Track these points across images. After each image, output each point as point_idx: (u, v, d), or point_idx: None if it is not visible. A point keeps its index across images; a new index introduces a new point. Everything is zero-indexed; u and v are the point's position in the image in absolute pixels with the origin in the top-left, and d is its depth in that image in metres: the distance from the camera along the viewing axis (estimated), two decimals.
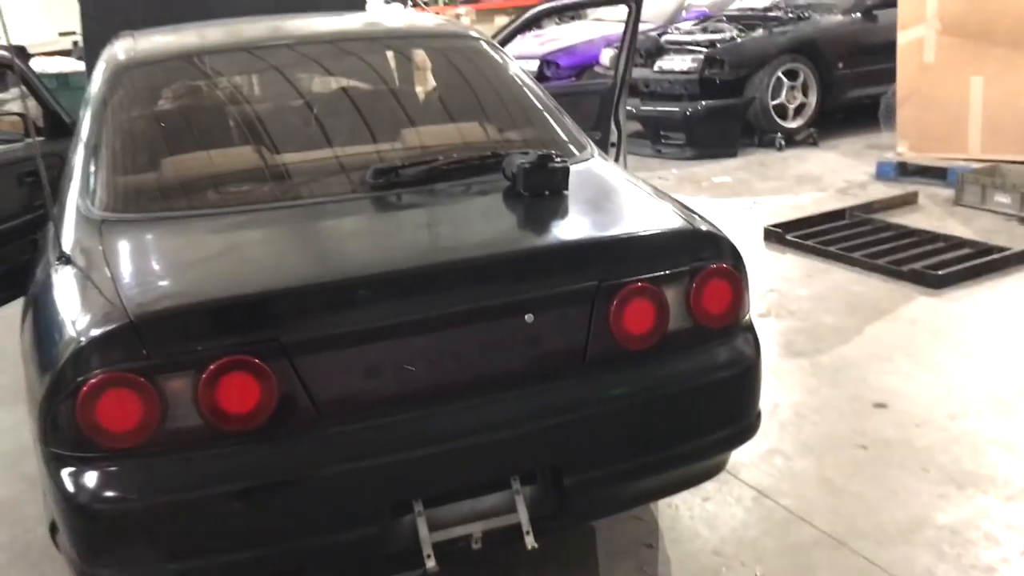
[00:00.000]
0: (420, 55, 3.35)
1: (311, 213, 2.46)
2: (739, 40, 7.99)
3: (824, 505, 2.92)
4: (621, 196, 2.60)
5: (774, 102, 7.94)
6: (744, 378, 2.40)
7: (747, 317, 2.45)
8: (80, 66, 8.24)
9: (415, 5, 16.33)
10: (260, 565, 2.04)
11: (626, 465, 2.27)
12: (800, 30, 8.02)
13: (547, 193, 2.47)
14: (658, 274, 2.24)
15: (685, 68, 7.93)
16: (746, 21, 8.46)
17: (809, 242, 5.33)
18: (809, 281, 4.87)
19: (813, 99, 8.10)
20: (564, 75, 9.90)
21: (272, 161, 2.72)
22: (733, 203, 6.46)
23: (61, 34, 12.17)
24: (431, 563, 2.06)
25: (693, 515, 2.92)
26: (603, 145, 4.80)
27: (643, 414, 2.26)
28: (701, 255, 2.32)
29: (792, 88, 8.02)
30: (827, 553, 2.70)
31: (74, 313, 2.03)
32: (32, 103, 4.30)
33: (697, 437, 2.34)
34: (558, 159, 2.51)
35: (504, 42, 4.64)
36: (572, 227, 2.45)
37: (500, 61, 3.24)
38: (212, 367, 1.91)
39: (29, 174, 3.80)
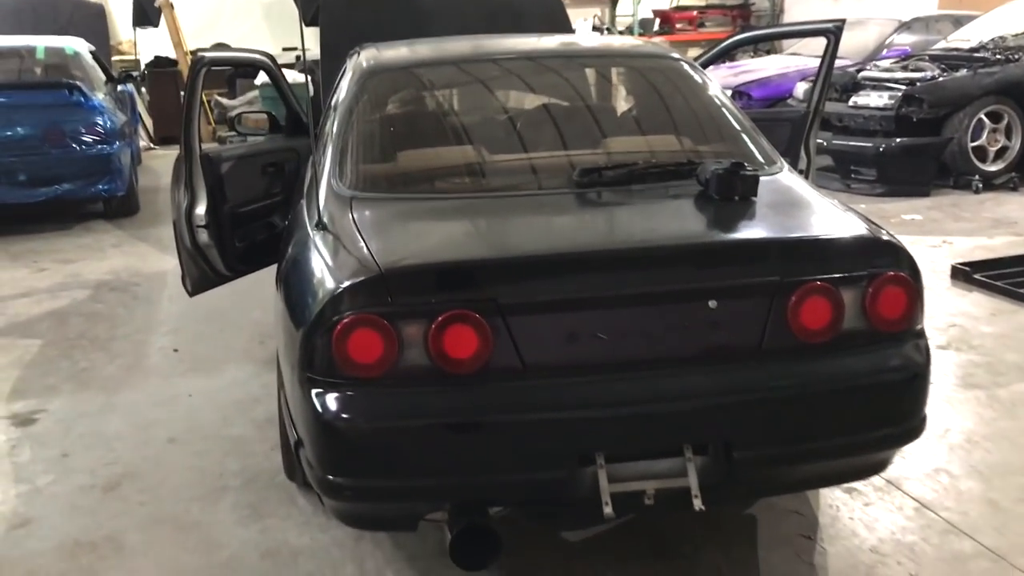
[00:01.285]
0: (624, 73, 3.66)
1: (525, 203, 2.81)
2: (940, 79, 7.89)
3: (987, 523, 2.99)
4: (807, 205, 2.81)
5: (973, 144, 7.78)
6: (911, 381, 2.55)
7: (920, 326, 2.61)
8: (300, 77, 9.09)
9: (610, 34, 16.79)
10: (462, 491, 2.39)
11: (792, 448, 2.47)
12: (1007, 72, 7.83)
13: (737, 198, 2.72)
14: (836, 275, 2.45)
15: (881, 104, 7.89)
16: (950, 61, 8.33)
17: (998, 283, 5.27)
18: (994, 320, 4.84)
19: (1017, 143, 7.88)
20: (756, 107, 10.01)
21: (489, 159, 3.10)
22: (921, 240, 6.42)
23: (284, 49, 13.34)
24: (608, 509, 2.33)
25: (853, 516, 3.06)
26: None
27: (812, 403, 2.46)
28: (879, 262, 2.50)
29: (994, 131, 7.83)
30: (986, 565, 2.79)
31: (333, 266, 2.46)
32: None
33: (862, 431, 2.51)
34: (749, 168, 2.75)
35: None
36: (758, 227, 2.68)
37: (700, 81, 3.51)
38: (441, 317, 2.28)
39: (271, 165, 4.34)
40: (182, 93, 9.36)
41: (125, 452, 3.64)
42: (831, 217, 2.72)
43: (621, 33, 17.16)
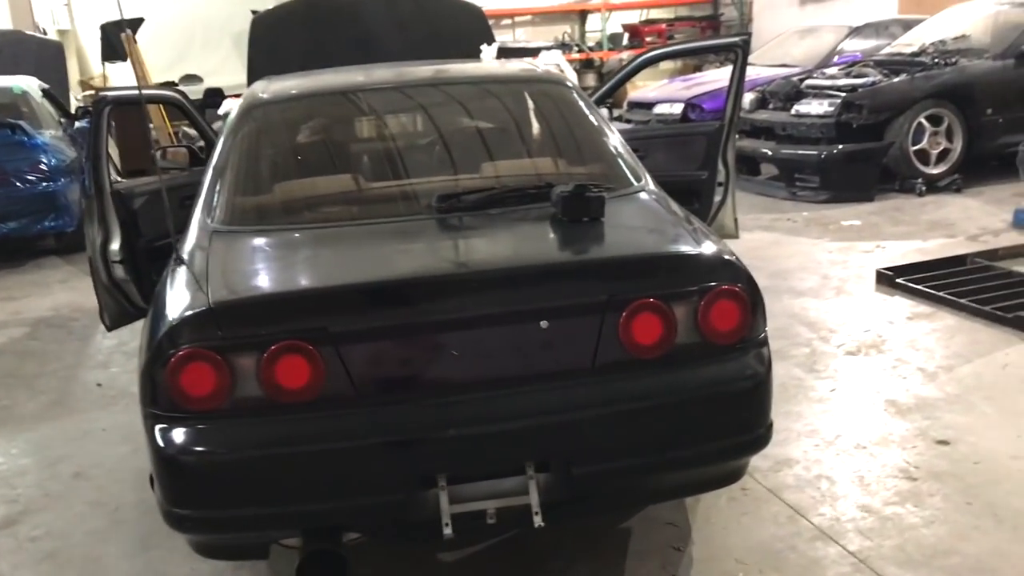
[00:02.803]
0: (509, 97, 3.73)
1: (381, 230, 2.87)
2: (879, 85, 7.97)
3: (856, 528, 3.04)
4: (652, 222, 2.88)
5: (915, 147, 7.85)
6: (751, 391, 2.60)
7: (760, 335, 2.66)
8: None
9: (580, 51, 16.93)
10: (303, 519, 2.44)
11: (632, 462, 2.52)
12: (945, 75, 7.91)
13: (585, 219, 2.79)
14: (666, 292, 2.51)
15: (822, 112, 7.98)
16: (892, 66, 8.41)
17: (919, 286, 5.32)
18: (909, 324, 4.88)
19: (958, 145, 7.95)
20: (708, 118, 10.07)
21: (360, 188, 3.17)
22: (856, 246, 6.48)
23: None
24: (448, 531, 2.39)
25: (727, 526, 3.11)
26: (710, 185, 5.03)
27: (648, 417, 2.51)
28: (710, 277, 2.56)
29: (935, 134, 7.90)
30: (846, 570, 2.83)
31: (171, 301, 2.52)
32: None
33: (703, 443, 2.56)
34: (595, 189, 2.82)
35: (609, 93, 4.98)
36: (593, 247, 2.74)
37: (581, 104, 3.58)
38: (271, 348, 2.33)
39: (188, 198, 4.42)
40: (151, 126, 9.50)
41: (28, 489, 3.70)
42: (671, 235, 2.78)
43: (591, 48, 17.33)
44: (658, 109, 10.28)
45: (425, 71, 3.87)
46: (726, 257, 2.63)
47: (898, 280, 5.43)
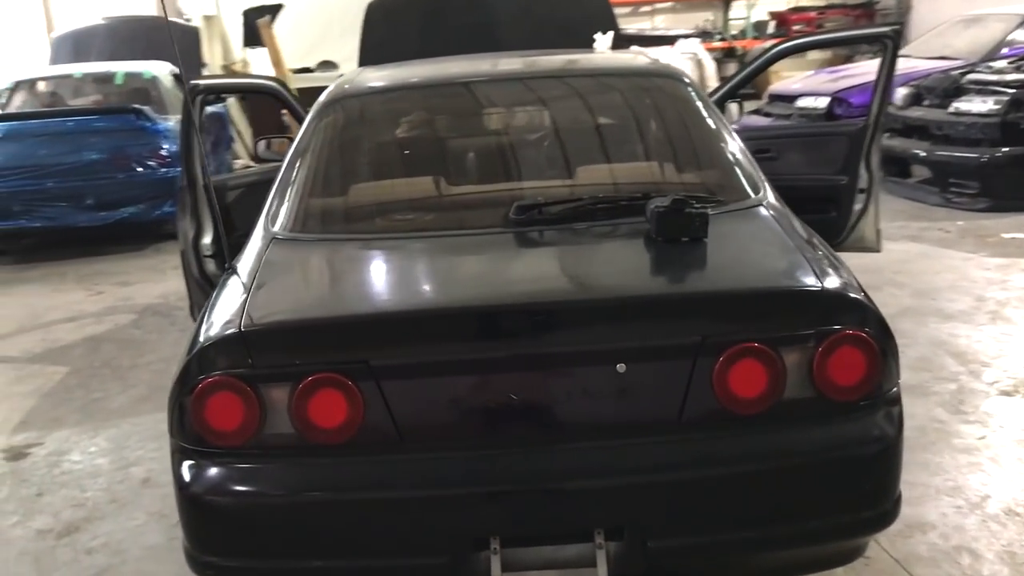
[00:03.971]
0: (614, 93, 3.33)
1: (449, 245, 2.53)
2: None
3: None
4: (765, 246, 2.43)
5: None
6: (876, 459, 2.15)
7: (891, 391, 2.19)
8: None
9: (722, 39, 16.20)
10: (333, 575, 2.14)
11: (721, 537, 2.11)
12: None
13: (684, 239, 2.37)
14: (773, 334, 2.08)
15: (985, 110, 7.16)
16: None
17: None
18: None
19: None
20: (856, 114, 9.29)
21: (439, 193, 2.85)
22: (1018, 264, 5.73)
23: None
24: None
25: None
26: (850, 191, 4.50)
27: (743, 484, 2.09)
28: (831, 319, 2.11)
29: None
30: None
31: (209, 319, 2.26)
32: None
33: (809, 518, 2.12)
34: (698, 204, 2.40)
35: (741, 85, 4.50)
36: (687, 275, 2.32)
37: (696, 101, 3.15)
38: (305, 381, 2.04)
39: None
40: (282, 112, 9.52)
41: (96, 493, 3.56)
42: (785, 263, 2.33)
43: (734, 37, 16.54)
44: (801, 102, 9.57)
45: (522, 63, 3.51)
46: (852, 295, 2.17)
47: None
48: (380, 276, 2.43)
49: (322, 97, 3.27)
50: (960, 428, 3.64)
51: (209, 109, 9.26)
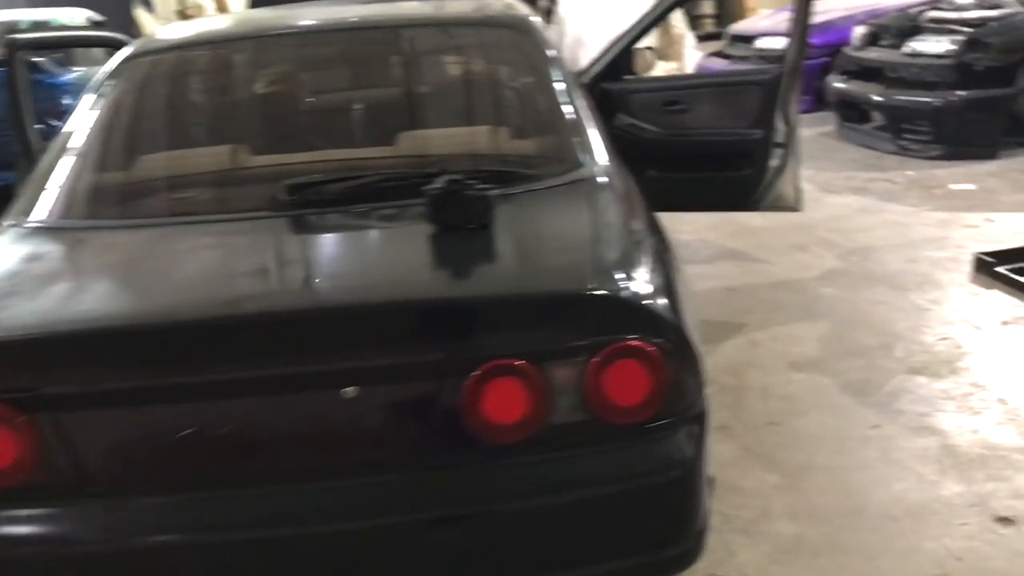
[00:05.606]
0: (444, 46, 2.93)
1: (195, 236, 2.16)
2: (1017, 17, 6.62)
3: None
4: (557, 236, 2.06)
5: None
6: (667, 491, 1.81)
7: (692, 410, 1.84)
8: None
9: None
10: None
11: None
12: None
13: (468, 226, 2.00)
14: (537, 348, 1.72)
15: (940, 51, 6.70)
16: None
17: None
18: (1001, 333, 3.85)
19: None
20: (816, 55, 8.81)
21: (223, 167, 2.48)
22: (961, 219, 5.34)
23: None
24: None
25: None
26: (764, 146, 4.12)
27: (505, 527, 1.76)
28: (607, 328, 1.75)
29: None
30: None
31: None
32: None
33: (581, 564, 1.79)
34: (481, 185, 2.02)
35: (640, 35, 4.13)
36: (442, 276, 1.95)
37: (538, 56, 2.74)
38: None
39: None
40: None
41: None
42: (571, 258, 1.95)
43: None
44: (760, 43, 9.09)
45: (346, 12, 3.09)
46: (636, 299, 1.80)
47: (998, 269, 4.35)
48: (93, 280, 2.06)
49: (116, 56, 2.87)
50: (856, 414, 3.30)
51: None
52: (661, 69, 10.84)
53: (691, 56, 10.98)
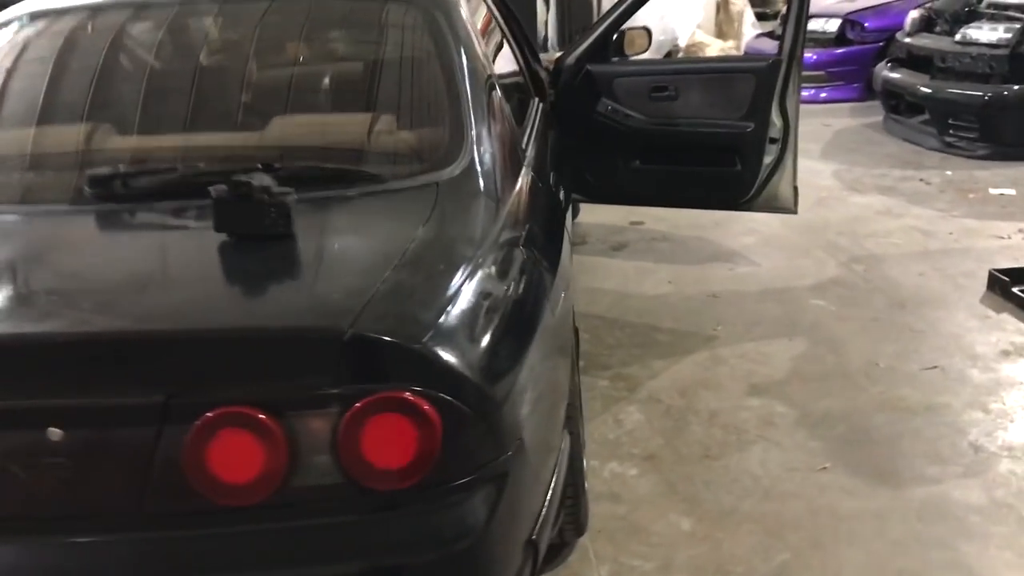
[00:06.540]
0: (348, 22, 2.61)
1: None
2: None
3: None
4: (355, 257, 1.75)
5: None
6: (437, 570, 1.50)
7: (487, 469, 1.52)
8: None
9: None
10: None
11: None
12: None
13: (259, 236, 1.71)
14: (276, 396, 1.43)
15: (994, 40, 6.11)
16: None
17: None
18: (1000, 364, 3.40)
19: None
20: (870, 39, 8.27)
21: (70, 149, 2.23)
22: (989, 228, 4.83)
23: None
24: None
25: None
26: (757, 141, 3.74)
27: None
28: (366, 374, 1.45)
29: None
30: None
31: None
32: None
33: None
34: (277, 189, 1.71)
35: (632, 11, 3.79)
36: (186, 303, 1.63)
37: (441, 32, 2.42)
38: None
39: None
40: None
41: None
42: (350, 285, 1.62)
43: None
44: (810, 25, 8.51)
45: None
46: (420, 343, 1.48)
47: (1013, 290, 3.88)
48: None
49: None
50: (805, 454, 2.91)
51: None
52: (717, 48, 10.38)
53: (748, 35, 10.48)
